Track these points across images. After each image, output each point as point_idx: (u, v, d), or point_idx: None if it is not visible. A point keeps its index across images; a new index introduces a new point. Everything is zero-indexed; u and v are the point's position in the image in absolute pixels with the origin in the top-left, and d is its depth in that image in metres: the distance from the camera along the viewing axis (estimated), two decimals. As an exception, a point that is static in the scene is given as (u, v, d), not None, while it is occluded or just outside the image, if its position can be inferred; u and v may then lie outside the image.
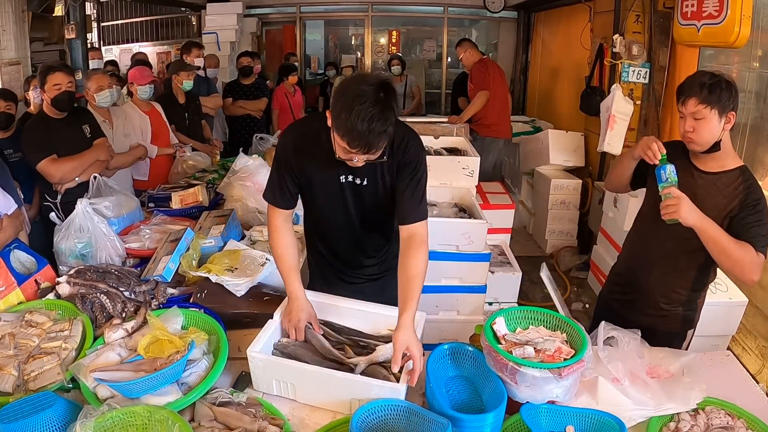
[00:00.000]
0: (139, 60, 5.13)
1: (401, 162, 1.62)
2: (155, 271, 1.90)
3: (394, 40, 8.29)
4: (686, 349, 1.95)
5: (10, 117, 2.89)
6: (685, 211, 1.60)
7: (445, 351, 1.50)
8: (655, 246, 1.85)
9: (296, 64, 6.59)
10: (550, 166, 4.83)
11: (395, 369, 1.40)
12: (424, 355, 1.46)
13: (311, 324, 1.61)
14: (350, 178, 1.66)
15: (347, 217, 1.75)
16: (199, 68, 4.60)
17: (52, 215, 2.38)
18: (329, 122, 1.43)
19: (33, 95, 3.26)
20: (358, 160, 1.46)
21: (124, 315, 1.69)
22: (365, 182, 1.66)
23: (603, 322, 1.60)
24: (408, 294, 1.50)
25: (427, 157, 1.72)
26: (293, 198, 1.71)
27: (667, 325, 1.88)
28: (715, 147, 1.68)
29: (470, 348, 1.50)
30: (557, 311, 1.61)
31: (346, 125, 1.36)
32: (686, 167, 1.75)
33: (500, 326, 1.49)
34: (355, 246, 1.86)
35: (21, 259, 1.91)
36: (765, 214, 1.64)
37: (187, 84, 3.77)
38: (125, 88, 3.65)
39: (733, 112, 1.63)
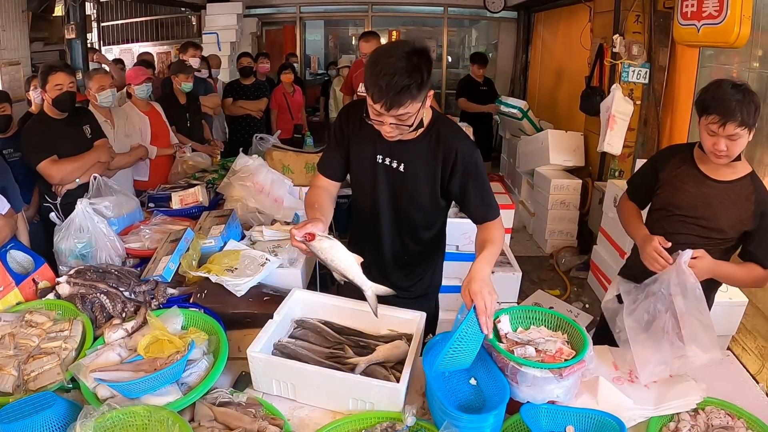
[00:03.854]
0: (141, 60, 5.14)
1: (454, 167, 1.58)
2: (155, 271, 1.90)
3: (394, 40, 8.31)
4: None
5: (7, 118, 2.89)
6: (705, 267, 1.62)
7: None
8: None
9: (295, 64, 6.58)
10: (550, 166, 4.83)
11: (484, 329, 1.31)
12: (422, 355, 1.45)
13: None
14: (387, 160, 1.62)
15: (375, 204, 1.69)
16: (199, 71, 4.61)
17: (52, 215, 2.38)
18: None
19: (33, 95, 3.26)
20: (386, 123, 1.43)
21: (124, 315, 1.69)
22: (401, 167, 1.62)
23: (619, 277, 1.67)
24: (484, 248, 1.50)
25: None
26: (337, 169, 1.72)
27: None
28: (738, 157, 1.70)
29: None
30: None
31: (371, 79, 1.37)
32: (696, 176, 1.77)
33: (504, 324, 1.49)
34: (382, 245, 1.76)
35: (18, 259, 1.90)
36: None
37: (186, 86, 3.77)
38: (125, 89, 3.65)
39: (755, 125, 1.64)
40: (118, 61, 5.78)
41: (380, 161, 1.63)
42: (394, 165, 1.62)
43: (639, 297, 1.58)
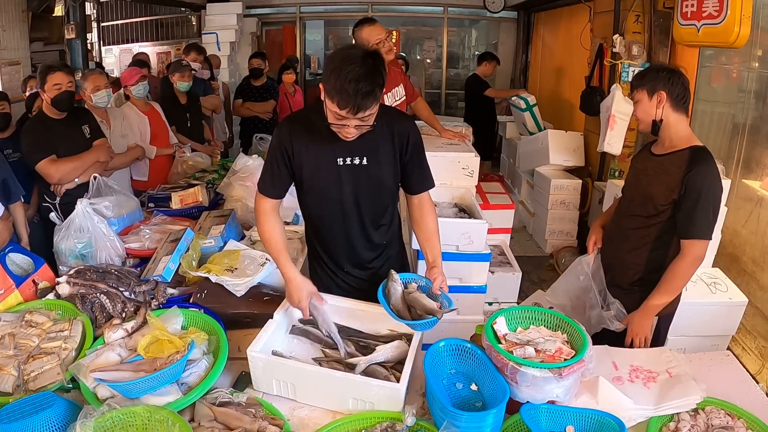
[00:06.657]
0: (136, 60, 5.13)
1: (407, 146, 1.71)
2: (155, 271, 1.90)
3: (394, 40, 8.27)
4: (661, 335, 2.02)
5: (7, 116, 2.89)
6: (643, 328, 1.87)
7: (443, 348, 1.50)
8: (614, 224, 2.06)
9: (296, 64, 6.58)
10: (550, 166, 4.82)
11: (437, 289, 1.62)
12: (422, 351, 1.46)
13: (314, 298, 1.64)
14: (349, 159, 1.67)
15: (341, 204, 1.74)
16: (195, 70, 4.59)
17: (52, 215, 2.38)
18: (322, 95, 1.50)
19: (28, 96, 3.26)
20: (350, 125, 1.50)
21: (124, 315, 1.69)
22: (365, 161, 1.68)
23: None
24: (433, 248, 1.74)
25: (427, 157, 1.77)
26: (283, 187, 1.75)
27: (626, 305, 1.95)
28: (655, 127, 1.84)
29: (468, 344, 1.50)
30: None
31: (335, 87, 1.43)
32: (645, 154, 1.97)
33: (501, 326, 1.49)
34: (353, 239, 1.82)
35: (17, 261, 1.91)
36: (703, 201, 1.75)
37: (181, 85, 3.77)
38: (121, 90, 3.64)
39: (663, 92, 1.78)
40: (99, 66, 5.67)
41: (342, 162, 1.68)
42: (357, 161, 1.68)
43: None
